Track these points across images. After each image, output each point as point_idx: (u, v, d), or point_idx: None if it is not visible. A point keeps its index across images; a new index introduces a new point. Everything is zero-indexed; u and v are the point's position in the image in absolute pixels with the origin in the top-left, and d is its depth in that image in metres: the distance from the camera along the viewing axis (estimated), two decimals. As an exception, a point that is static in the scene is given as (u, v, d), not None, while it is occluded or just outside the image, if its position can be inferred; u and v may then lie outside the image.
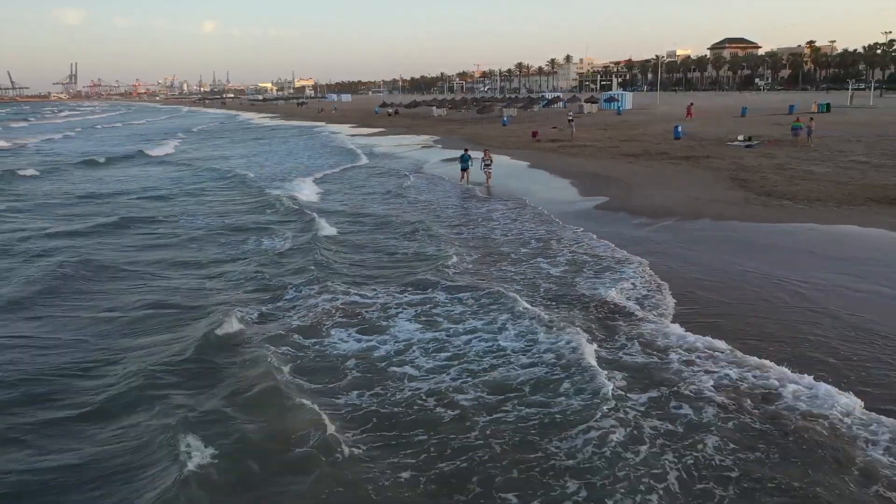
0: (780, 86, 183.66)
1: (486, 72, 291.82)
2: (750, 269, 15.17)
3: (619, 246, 17.64)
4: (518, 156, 39.37)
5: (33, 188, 33.99)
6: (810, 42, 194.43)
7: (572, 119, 54.76)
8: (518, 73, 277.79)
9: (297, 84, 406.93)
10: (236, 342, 11.82)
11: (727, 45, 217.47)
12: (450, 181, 31.10)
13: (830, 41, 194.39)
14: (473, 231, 20.73)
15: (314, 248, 18.33)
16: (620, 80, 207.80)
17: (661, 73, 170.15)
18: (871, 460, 7.91)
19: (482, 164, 29.19)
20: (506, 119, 70.21)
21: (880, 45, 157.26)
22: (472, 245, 18.75)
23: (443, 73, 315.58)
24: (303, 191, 29.80)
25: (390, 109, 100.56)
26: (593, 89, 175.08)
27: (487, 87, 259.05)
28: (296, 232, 21.14)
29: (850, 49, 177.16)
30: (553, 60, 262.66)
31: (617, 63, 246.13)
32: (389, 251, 18.37)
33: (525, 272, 15.89)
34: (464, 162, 29.96)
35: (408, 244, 19.05)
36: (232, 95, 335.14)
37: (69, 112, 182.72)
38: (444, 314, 13.07)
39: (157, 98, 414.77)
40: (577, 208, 23.44)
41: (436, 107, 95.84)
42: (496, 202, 25.48)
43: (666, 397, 9.55)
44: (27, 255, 19.00)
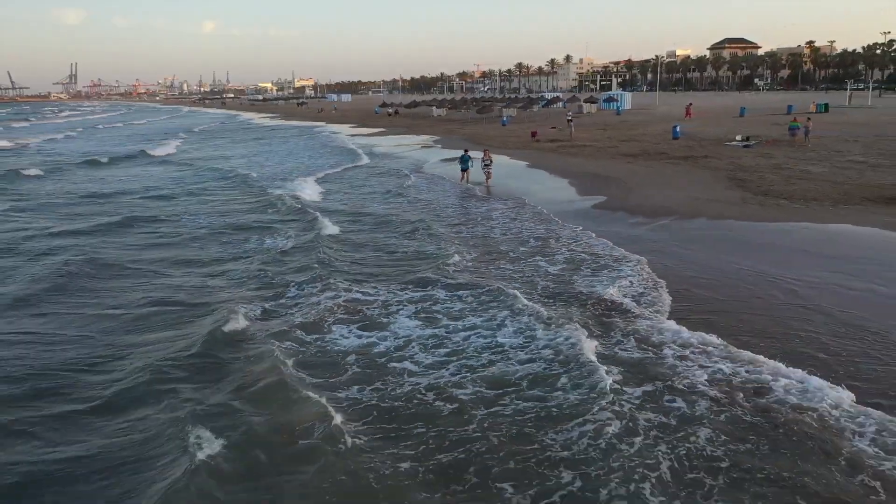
0: (780, 86, 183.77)
1: (486, 72, 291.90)
2: (745, 268, 15.40)
3: (616, 244, 17.87)
4: (517, 156, 39.57)
5: (37, 188, 34.21)
6: (810, 42, 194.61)
7: (571, 119, 55.01)
8: (518, 74, 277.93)
9: (297, 84, 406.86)
10: (242, 338, 12.06)
11: (727, 45, 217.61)
12: (450, 181, 31.32)
13: (829, 41, 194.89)
14: (473, 230, 20.96)
15: (317, 246, 18.58)
16: (620, 80, 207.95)
17: (661, 73, 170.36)
18: (858, 451, 8.16)
19: (482, 164, 29.42)
20: (505, 119, 70.41)
21: (879, 46, 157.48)
22: (472, 244, 18.98)
23: (443, 73, 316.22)
24: (305, 190, 29.97)
25: (390, 109, 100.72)
26: (593, 89, 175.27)
27: (487, 88, 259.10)
28: (299, 231, 21.37)
29: (849, 49, 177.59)
30: (553, 60, 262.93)
31: (617, 63, 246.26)
32: (391, 249, 18.61)
33: (524, 270, 16.13)
34: (464, 163, 30.15)
35: (409, 243, 19.28)
36: (232, 95, 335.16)
37: (69, 112, 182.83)
38: (444, 311, 13.31)
39: (157, 98, 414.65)
40: (575, 207, 23.66)
41: (435, 107, 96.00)
42: (496, 201, 25.71)
43: (660, 391, 9.80)
44: (33, 253, 19.22)
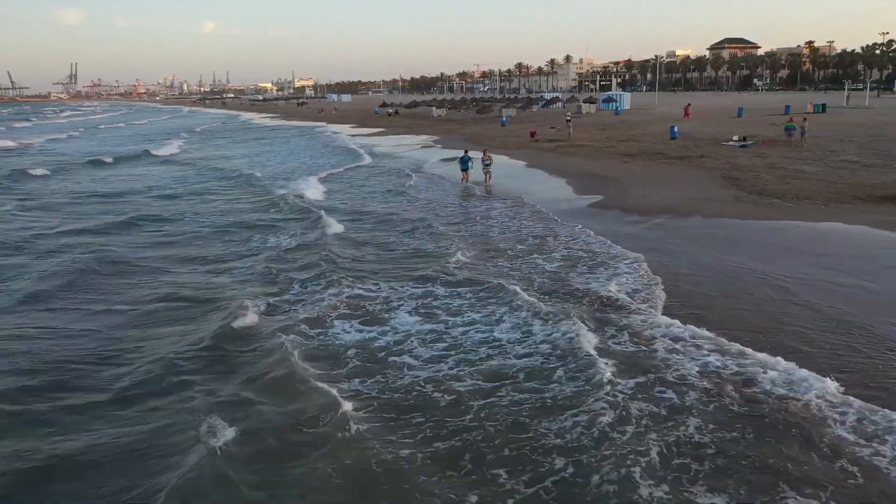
0: (779, 86, 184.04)
1: (485, 72, 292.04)
2: (737, 265, 15.80)
3: (612, 242, 18.27)
4: (516, 156, 39.97)
5: (44, 187, 34.66)
6: (809, 42, 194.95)
7: (570, 119, 55.35)
8: (518, 74, 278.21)
9: (297, 84, 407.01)
10: (251, 333, 12.49)
11: (726, 45, 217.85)
12: (450, 181, 31.70)
13: (829, 41, 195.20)
14: (474, 228, 21.39)
15: (323, 244, 19.01)
16: (620, 80, 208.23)
17: (660, 73, 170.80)
18: (839, 438, 8.58)
19: (482, 163, 29.81)
20: (505, 119, 70.76)
21: (878, 46, 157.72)
22: (472, 242, 19.40)
23: (443, 74, 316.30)
24: (308, 189, 30.36)
25: (390, 109, 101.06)
26: (592, 89, 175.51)
27: (487, 88, 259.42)
28: (304, 229, 21.80)
29: (848, 49, 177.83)
30: (553, 61, 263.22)
31: (616, 63, 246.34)
32: (393, 247, 19.03)
33: (521, 267, 16.54)
34: (464, 164, 30.50)
35: (411, 241, 19.70)
36: (232, 95, 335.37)
37: (70, 112, 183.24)
38: (444, 307, 13.73)
39: (158, 98, 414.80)
40: (572, 206, 24.06)
41: (435, 107, 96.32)
42: (495, 201, 26.12)
43: (652, 382, 10.20)
44: (42, 251, 19.64)
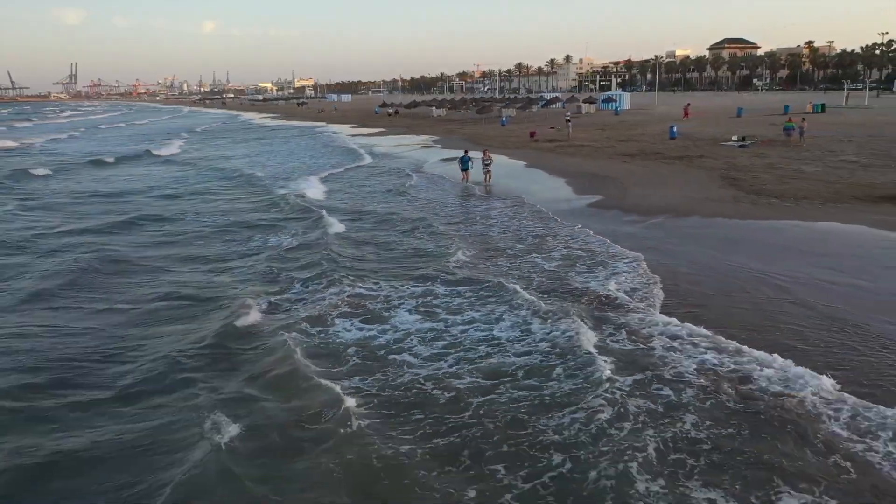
0: (779, 86, 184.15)
1: (485, 72, 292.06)
2: (735, 264, 15.93)
3: (611, 242, 18.39)
4: (516, 155, 40.10)
5: (47, 187, 34.79)
6: (809, 42, 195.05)
7: (569, 119, 55.48)
8: (518, 74, 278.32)
9: (297, 84, 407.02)
10: (254, 331, 12.65)
11: (726, 45, 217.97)
12: (450, 180, 31.84)
13: (828, 41, 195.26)
14: (474, 228, 21.53)
15: (324, 244, 19.16)
16: (619, 80, 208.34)
17: (660, 73, 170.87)
18: (833, 434, 8.71)
19: (482, 163, 29.94)
20: (504, 119, 70.88)
21: (878, 46, 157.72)
22: (473, 241, 19.53)
23: (443, 74, 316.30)
24: (309, 189, 30.53)
25: (390, 110, 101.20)
26: (592, 89, 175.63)
27: (487, 88, 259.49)
28: (305, 229, 21.95)
29: (848, 49, 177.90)
30: (553, 61, 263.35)
31: (616, 63, 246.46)
32: (394, 247, 19.16)
33: (521, 266, 16.68)
34: (464, 164, 30.66)
35: (412, 240, 19.83)
36: (232, 95, 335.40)
37: (71, 112, 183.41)
38: (444, 305, 13.87)
39: (158, 98, 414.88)
40: (571, 206, 24.19)
41: (435, 107, 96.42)
42: (495, 200, 26.26)
43: (649, 380, 10.33)
44: (45, 250, 19.77)
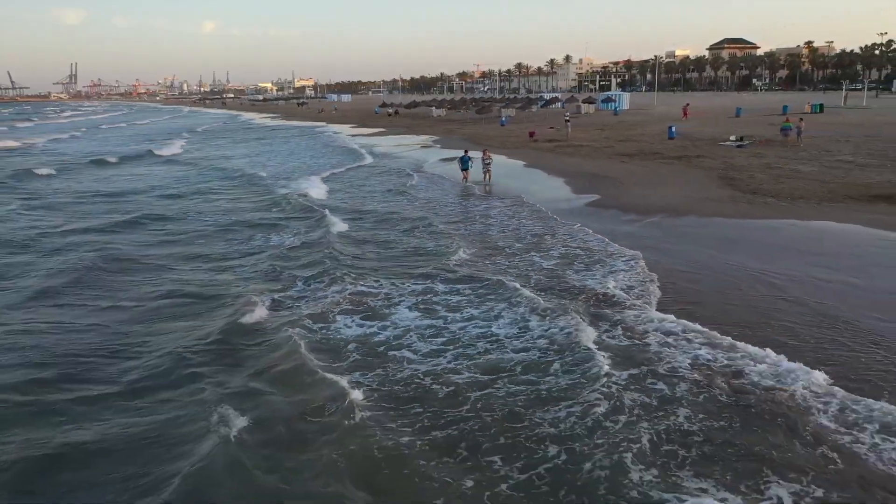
0: (778, 86, 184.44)
1: (485, 72, 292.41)
2: (730, 262, 16.19)
3: (609, 240, 18.66)
4: (515, 155, 40.37)
5: (50, 186, 35.03)
6: (808, 43, 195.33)
7: (569, 119, 55.73)
8: (518, 74, 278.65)
9: (297, 84, 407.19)
10: (259, 327, 12.93)
11: (726, 45, 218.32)
12: (449, 180, 32.11)
13: (828, 42, 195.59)
14: (474, 227, 21.81)
15: (327, 242, 19.43)
16: (619, 80, 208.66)
17: (660, 73, 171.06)
18: (821, 426, 8.97)
19: (482, 163, 30.19)
20: (504, 119, 71.14)
21: (878, 46, 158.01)
22: (473, 240, 19.81)
23: (443, 74, 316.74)
24: (311, 189, 30.81)
25: (390, 110, 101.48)
26: (592, 90, 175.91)
27: (487, 88, 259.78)
28: (308, 228, 22.22)
29: (847, 50, 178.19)
30: (552, 61, 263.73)
31: (616, 63, 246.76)
32: (396, 245, 19.43)
33: (519, 265, 16.95)
34: (464, 163, 30.90)
35: (413, 239, 20.09)
36: (232, 95, 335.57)
37: (72, 112, 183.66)
38: (445, 303, 14.14)
39: (158, 98, 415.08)
40: (570, 206, 24.45)
41: (435, 107, 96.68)
42: (495, 200, 26.54)
43: (644, 374, 10.60)
44: (50, 249, 20.05)
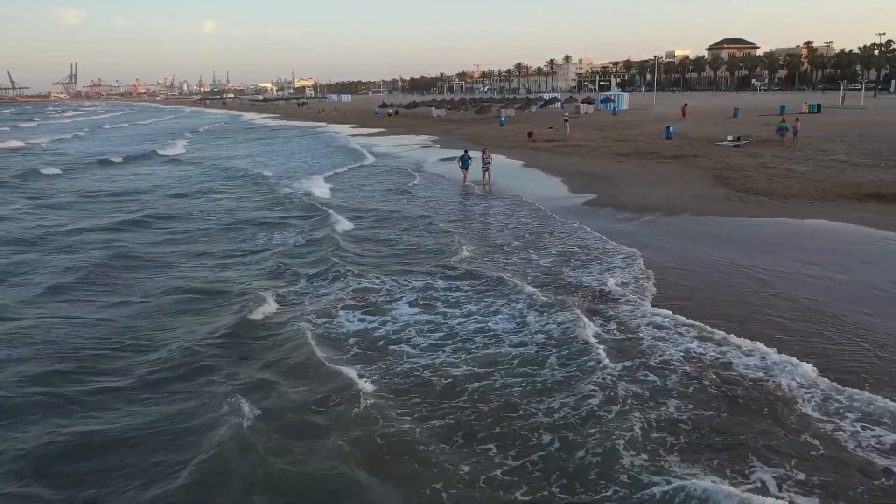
0: (777, 86, 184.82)
1: (485, 72, 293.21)
2: (722, 259, 16.61)
3: (606, 238, 19.08)
4: (514, 155, 40.81)
5: (57, 186, 35.46)
6: (807, 43, 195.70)
7: (567, 119, 56.14)
8: (517, 74, 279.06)
9: (297, 84, 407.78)
10: (268, 322, 13.37)
11: (725, 45, 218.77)
12: (449, 179, 32.55)
13: (827, 42, 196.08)
14: (474, 225, 22.26)
15: (332, 240, 19.86)
16: (619, 80, 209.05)
17: (659, 73, 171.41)
18: (804, 415, 9.38)
19: (482, 162, 30.58)
20: (503, 119, 71.50)
21: (877, 46, 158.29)
22: (474, 238, 20.24)
23: (442, 74, 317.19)
24: (315, 188, 31.27)
25: (390, 110, 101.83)
26: (592, 90, 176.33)
27: (487, 88, 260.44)
28: (313, 226, 22.65)
29: (846, 50, 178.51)
30: (552, 61, 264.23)
31: (616, 63, 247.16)
32: (399, 243, 19.84)
33: (517, 263, 17.38)
34: (464, 162, 31.38)
35: (415, 238, 20.50)
36: (232, 96, 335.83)
37: (73, 112, 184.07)
38: (450, 299, 14.57)
39: (158, 98, 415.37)
40: (567, 204, 24.86)
41: (435, 107, 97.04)
42: (494, 199, 26.98)
43: (637, 367, 11.01)
44: (59, 247, 20.47)
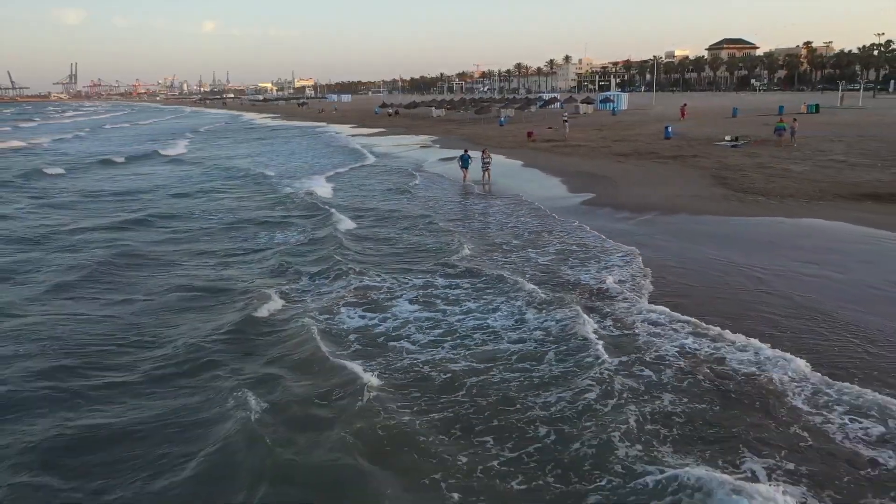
0: (777, 86, 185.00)
1: (485, 72, 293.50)
2: (718, 258, 16.85)
3: (604, 237, 19.31)
4: (513, 155, 41.04)
5: (61, 185, 35.68)
6: (807, 43, 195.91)
7: (567, 120, 56.36)
8: (517, 74, 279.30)
9: (297, 84, 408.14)
10: (273, 318, 13.62)
11: (725, 45, 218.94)
12: (449, 179, 32.81)
13: (826, 42, 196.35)
14: (475, 224, 22.55)
15: (335, 239, 20.11)
16: (619, 80, 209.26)
17: (658, 73, 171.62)
18: (794, 408, 9.62)
19: (482, 162, 30.81)
20: (503, 119, 71.71)
21: (876, 46, 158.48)
22: (474, 236, 20.49)
23: (442, 74, 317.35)
24: (317, 187, 31.54)
25: (390, 110, 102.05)
26: (591, 90, 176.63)
27: (487, 88, 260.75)
28: (315, 225, 22.91)
29: (846, 50, 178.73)
30: (552, 61, 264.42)
31: (615, 64, 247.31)
32: (400, 242, 20.07)
33: (516, 261, 17.63)
34: (464, 162, 31.63)
35: (416, 237, 20.73)
36: (232, 96, 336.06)
37: (73, 112, 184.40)
38: (448, 297, 14.79)
39: (158, 98, 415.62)
40: (566, 204, 25.08)
41: (434, 107, 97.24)
42: (494, 198, 27.23)
43: (633, 362, 11.24)
44: (63, 245, 20.71)
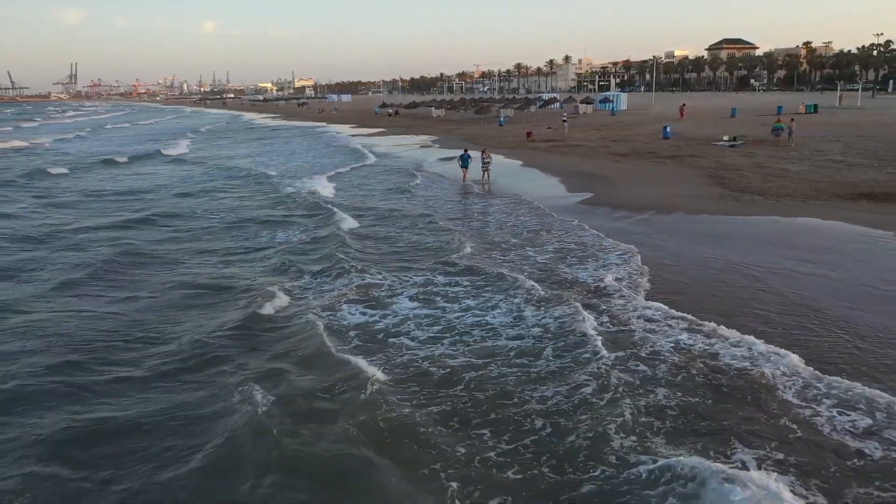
0: (776, 87, 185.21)
1: (485, 72, 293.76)
2: (713, 256, 17.09)
3: (602, 236, 19.57)
4: (513, 155, 41.29)
5: (64, 185, 35.90)
6: (806, 43, 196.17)
7: (566, 120, 56.60)
8: (517, 74, 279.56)
9: (297, 84, 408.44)
10: (277, 315, 13.87)
11: (725, 45, 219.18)
12: (449, 179, 33.08)
13: (825, 42, 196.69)
14: (474, 223, 22.82)
15: (337, 238, 20.37)
16: (618, 80, 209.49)
17: (658, 73, 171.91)
18: (785, 401, 9.88)
19: (482, 162, 31.06)
20: (503, 119, 71.96)
21: (876, 47, 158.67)
22: (474, 235, 20.75)
23: (442, 74, 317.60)
24: (319, 187, 31.81)
25: (390, 110, 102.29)
26: (591, 90, 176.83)
27: (487, 88, 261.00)
28: (317, 225, 23.17)
29: (845, 50, 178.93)
30: (552, 61, 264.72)
31: (615, 64, 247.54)
32: (402, 241, 20.31)
33: (514, 259, 17.90)
34: (464, 161, 31.90)
35: (416, 235, 20.99)
36: (232, 96, 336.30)
37: (74, 112, 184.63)
38: (448, 294, 15.02)
39: (158, 98, 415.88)
40: (564, 203, 25.34)
41: (434, 107, 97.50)
42: (493, 198, 27.50)
43: (629, 357, 11.49)
44: (67, 244, 20.95)
